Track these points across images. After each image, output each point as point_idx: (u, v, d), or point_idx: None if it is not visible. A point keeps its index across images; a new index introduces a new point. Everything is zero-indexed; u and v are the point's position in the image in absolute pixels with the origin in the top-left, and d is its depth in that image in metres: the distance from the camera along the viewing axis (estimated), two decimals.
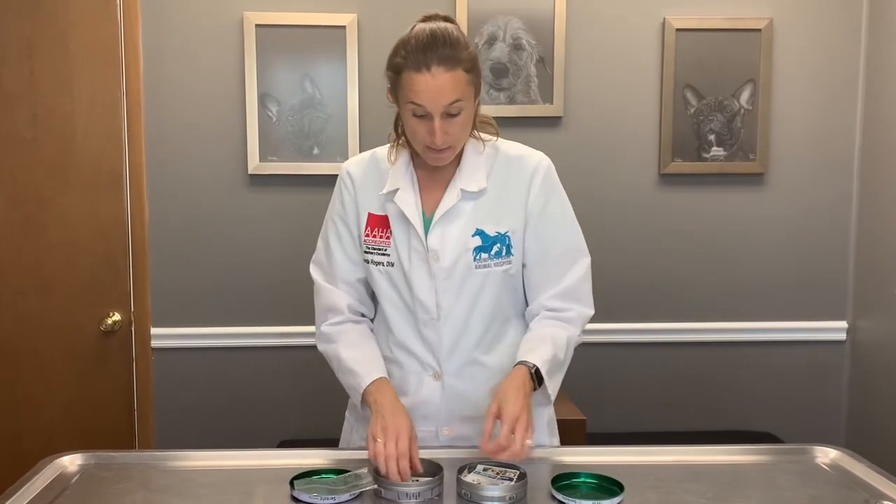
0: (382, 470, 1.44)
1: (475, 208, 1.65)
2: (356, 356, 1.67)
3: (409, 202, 1.65)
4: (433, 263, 1.64)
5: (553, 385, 1.63)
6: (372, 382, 1.61)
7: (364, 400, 1.61)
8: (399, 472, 1.43)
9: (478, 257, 1.64)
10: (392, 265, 1.67)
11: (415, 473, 1.46)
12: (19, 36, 2.65)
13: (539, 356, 1.58)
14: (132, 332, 2.77)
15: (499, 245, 1.65)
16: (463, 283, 1.65)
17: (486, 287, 1.66)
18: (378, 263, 1.68)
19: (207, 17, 2.72)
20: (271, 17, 2.72)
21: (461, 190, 1.65)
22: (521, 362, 1.58)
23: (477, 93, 1.60)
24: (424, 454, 1.54)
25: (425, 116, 1.53)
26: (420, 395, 1.69)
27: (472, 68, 1.55)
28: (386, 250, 1.67)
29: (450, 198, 1.65)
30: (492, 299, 1.67)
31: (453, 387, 1.68)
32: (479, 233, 1.65)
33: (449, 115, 1.53)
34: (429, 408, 1.68)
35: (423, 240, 1.64)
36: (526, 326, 1.72)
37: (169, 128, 2.75)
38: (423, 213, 1.66)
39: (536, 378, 1.57)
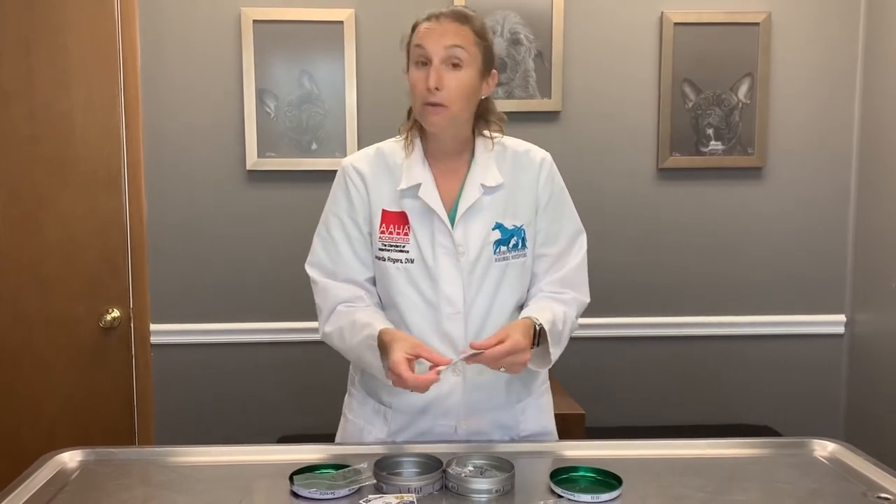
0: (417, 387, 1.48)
1: (493, 203, 1.67)
2: (372, 315, 1.64)
3: (433, 197, 1.65)
4: (460, 258, 1.64)
5: (554, 350, 1.63)
6: (384, 329, 1.58)
7: (380, 340, 1.56)
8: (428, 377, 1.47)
9: (497, 250, 1.67)
10: (412, 261, 1.65)
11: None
12: (17, 32, 2.64)
13: (543, 317, 1.60)
14: (131, 329, 2.77)
15: (515, 238, 1.68)
16: (484, 277, 1.66)
17: (504, 280, 1.68)
18: (396, 260, 1.65)
19: (205, 13, 2.72)
20: (269, 12, 2.72)
21: (481, 185, 1.66)
22: (525, 318, 1.60)
23: (485, 64, 1.62)
24: (426, 449, 1.54)
25: (426, 65, 1.57)
26: (441, 391, 1.66)
27: (482, 35, 1.61)
28: (405, 247, 1.65)
29: (472, 193, 1.66)
30: (510, 292, 1.69)
31: (474, 380, 1.68)
32: (499, 226, 1.67)
33: (451, 64, 1.56)
34: (449, 403, 1.68)
35: (451, 234, 1.64)
36: None
37: (167, 124, 2.75)
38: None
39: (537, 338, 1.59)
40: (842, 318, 2.94)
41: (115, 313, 2.74)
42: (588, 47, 2.81)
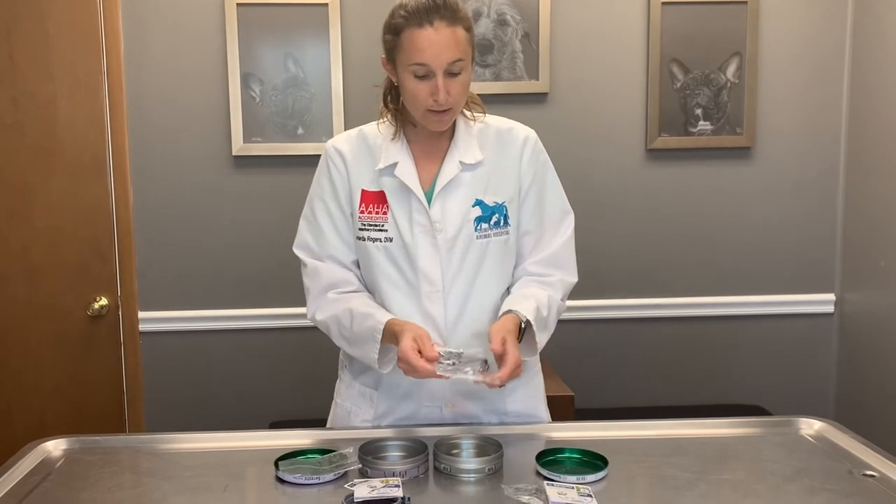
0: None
1: (473, 179, 1.66)
2: (371, 305, 1.65)
3: (410, 175, 1.65)
4: (437, 235, 1.64)
5: (542, 337, 1.63)
6: (393, 318, 1.59)
7: (387, 330, 1.57)
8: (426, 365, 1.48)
9: (478, 227, 1.66)
10: (391, 240, 1.65)
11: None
12: None
13: (527, 307, 1.60)
14: (119, 317, 2.76)
15: (497, 215, 1.67)
16: (465, 254, 1.65)
17: (486, 257, 1.67)
18: (375, 240, 1.66)
19: None
20: None
21: (460, 162, 1.65)
22: (508, 311, 1.59)
23: (473, 56, 1.61)
24: (414, 432, 1.54)
25: (427, 76, 1.54)
26: None
27: (470, 28, 1.58)
28: (383, 226, 1.66)
29: (450, 169, 1.65)
30: (492, 270, 1.68)
31: None
32: (479, 203, 1.66)
33: (451, 73, 1.54)
34: (434, 385, 1.67)
35: (427, 212, 1.64)
36: None
37: (152, 110, 2.72)
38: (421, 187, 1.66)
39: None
40: (831, 297, 2.94)
41: (103, 301, 2.73)
42: (575, 28, 2.79)
